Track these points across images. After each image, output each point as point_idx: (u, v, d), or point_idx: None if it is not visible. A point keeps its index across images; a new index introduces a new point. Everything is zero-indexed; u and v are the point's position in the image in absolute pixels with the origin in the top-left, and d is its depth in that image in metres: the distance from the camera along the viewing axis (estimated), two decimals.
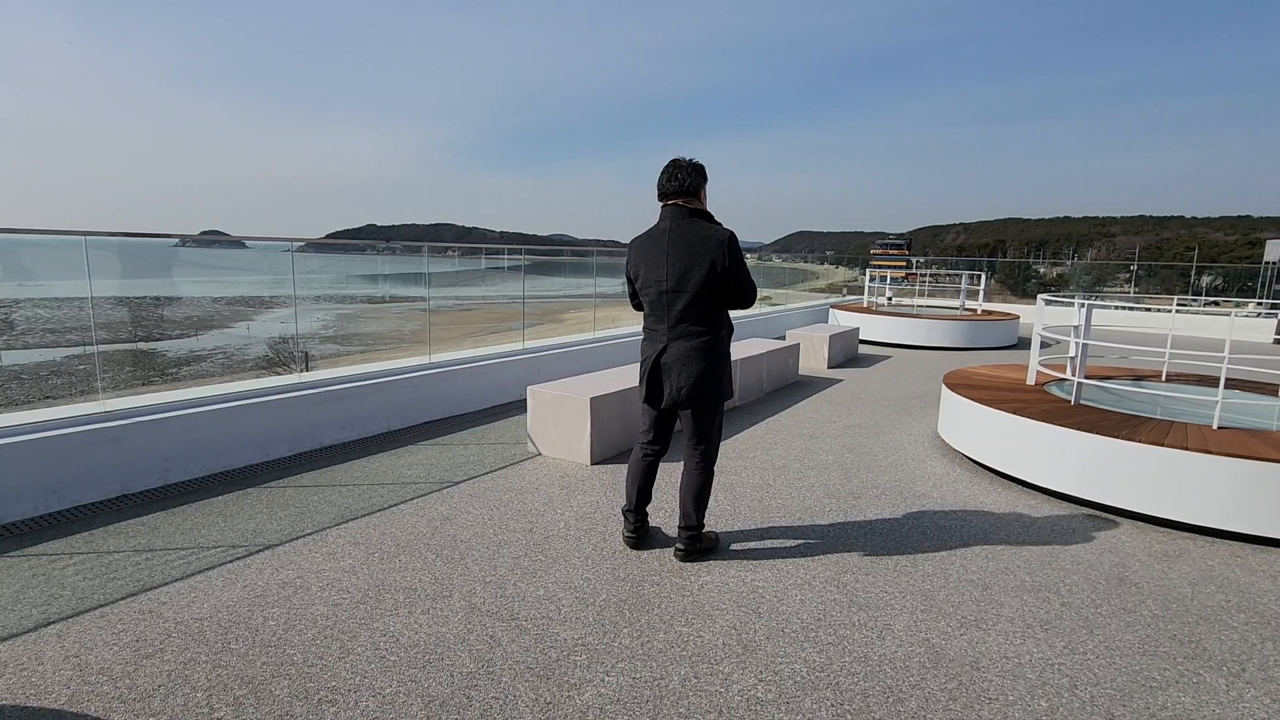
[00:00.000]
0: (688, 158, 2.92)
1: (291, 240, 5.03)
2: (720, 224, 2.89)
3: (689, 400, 2.87)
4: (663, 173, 2.93)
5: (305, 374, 5.01)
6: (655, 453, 3.13)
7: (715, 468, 3.11)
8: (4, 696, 2.06)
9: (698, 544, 3.07)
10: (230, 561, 2.96)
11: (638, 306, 3.11)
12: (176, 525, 3.33)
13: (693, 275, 2.80)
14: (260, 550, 3.08)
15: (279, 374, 4.99)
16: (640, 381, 3.00)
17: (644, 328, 3.04)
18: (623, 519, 3.21)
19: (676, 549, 3.07)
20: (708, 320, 2.87)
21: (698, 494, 3.01)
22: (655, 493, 3.70)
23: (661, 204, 2.95)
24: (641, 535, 3.18)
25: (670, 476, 3.98)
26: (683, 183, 2.88)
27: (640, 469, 3.13)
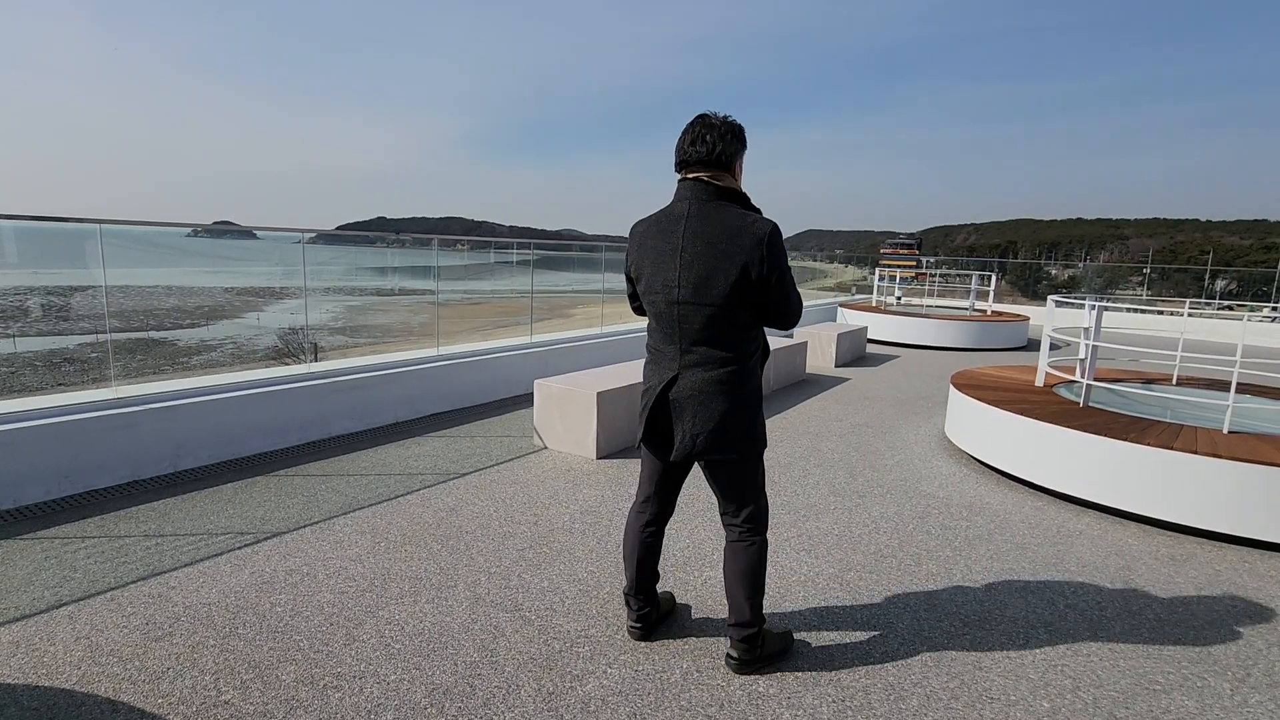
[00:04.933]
0: (721, 114, 2.09)
1: (302, 231, 5.05)
2: (760, 211, 2.08)
3: (708, 451, 2.09)
4: (685, 133, 2.08)
5: (315, 364, 5.05)
6: (656, 521, 2.35)
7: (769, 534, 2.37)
8: (16, 676, 2.10)
9: (758, 649, 2.23)
10: (239, 548, 2.99)
11: (639, 310, 2.30)
12: (186, 511, 3.36)
13: (716, 282, 1.99)
14: (268, 537, 3.11)
15: (288, 364, 5.03)
16: (640, 418, 2.19)
17: (648, 346, 2.22)
18: (624, 604, 2.48)
19: (729, 657, 2.25)
20: (735, 343, 2.08)
21: (749, 577, 2.18)
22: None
23: (680, 178, 2.12)
24: (649, 623, 2.40)
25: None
26: (711, 148, 2.03)
27: (638, 544, 2.34)
